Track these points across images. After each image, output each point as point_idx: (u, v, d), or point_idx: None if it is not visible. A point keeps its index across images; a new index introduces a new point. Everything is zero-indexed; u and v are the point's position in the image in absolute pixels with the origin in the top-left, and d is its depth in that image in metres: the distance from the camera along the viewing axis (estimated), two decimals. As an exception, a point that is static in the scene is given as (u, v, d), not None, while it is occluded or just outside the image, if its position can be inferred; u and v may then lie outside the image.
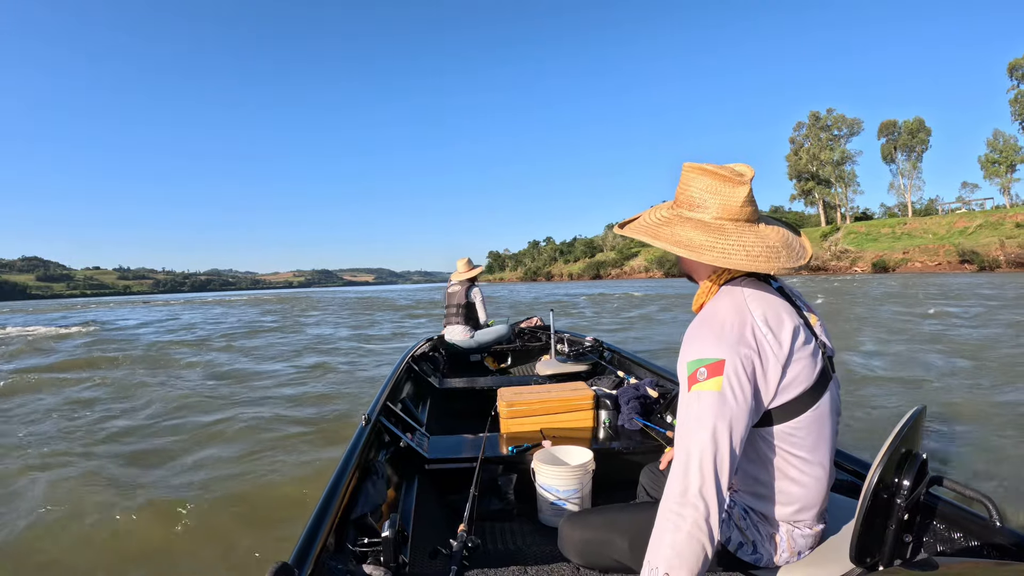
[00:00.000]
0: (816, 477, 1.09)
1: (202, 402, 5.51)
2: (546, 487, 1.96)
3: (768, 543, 1.14)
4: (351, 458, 1.76)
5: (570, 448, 2.14)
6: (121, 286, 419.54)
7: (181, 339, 12.78)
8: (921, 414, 1.12)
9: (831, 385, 1.10)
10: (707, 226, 1.08)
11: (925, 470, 1.08)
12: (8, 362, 9.53)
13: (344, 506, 1.54)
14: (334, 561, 1.33)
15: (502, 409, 2.40)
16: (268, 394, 5.91)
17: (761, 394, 1.00)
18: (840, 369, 3.14)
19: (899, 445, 1.01)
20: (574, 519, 1.43)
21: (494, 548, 1.85)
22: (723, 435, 0.93)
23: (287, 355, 9.34)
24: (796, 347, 1.02)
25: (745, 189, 1.07)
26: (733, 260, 1.03)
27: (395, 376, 3.13)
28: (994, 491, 2.77)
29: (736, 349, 0.98)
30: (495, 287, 68.97)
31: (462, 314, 5.03)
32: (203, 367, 8.21)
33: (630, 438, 2.36)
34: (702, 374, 0.97)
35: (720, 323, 1.02)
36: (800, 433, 1.05)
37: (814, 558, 1.16)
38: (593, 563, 1.37)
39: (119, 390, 6.34)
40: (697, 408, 0.96)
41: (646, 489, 1.68)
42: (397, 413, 2.55)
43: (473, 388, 3.70)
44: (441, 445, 2.34)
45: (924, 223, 53.41)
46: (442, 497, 2.14)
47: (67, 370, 8.16)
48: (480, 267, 5.29)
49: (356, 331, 13.63)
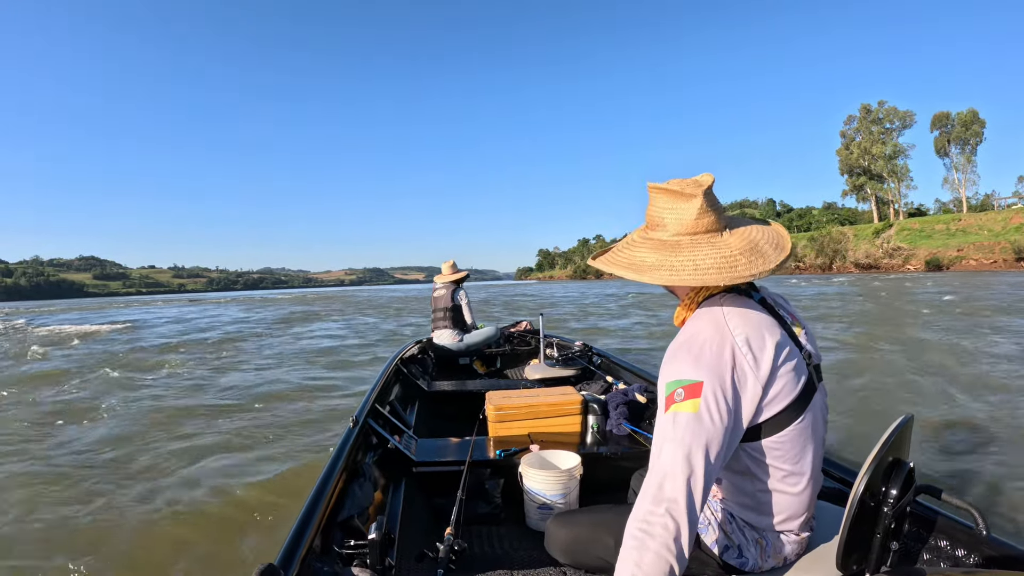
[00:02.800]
0: (800, 487, 1.09)
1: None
2: (534, 491, 1.97)
3: (753, 547, 1.14)
4: (338, 460, 1.76)
5: (558, 452, 2.14)
6: (175, 284, 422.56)
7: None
8: (909, 423, 1.12)
9: (816, 395, 1.08)
10: (663, 244, 1.07)
11: (912, 479, 1.08)
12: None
13: (331, 508, 1.54)
14: (320, 563, 1.33)
15: (490, 413, 2.40)
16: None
17: (741, 414, 0.99)
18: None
19: (886, 454, 1.02)
20: (561, 518, 1.44)
21: (481, 552, 1.85)
22: (698, 457, 0.92)
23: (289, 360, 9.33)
24: (778, 364, 1.00)
25: (697, 202, 1.04)
26: (680, 276, 1.01)
27: (383, 378, 3.13)
28: (980, 501, 2.74)
29: (715, 371, 0.97)
30: (545, 285, 67.91)
31: (449, 317, 5.04)
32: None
33: (618, 443, 2.36)
34: (679, 395, 0.96)
35: (700, 344, 1.00)
36: (784, 447, 1.05)
37: (801, 565, 1.16)
38: (579, 562, 1.37)
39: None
40: (673, 429, 0.95)
41: (637, 494, 1.67)
42: (385, 415, 2.54)
43: (461, 391, 3.70)
44: (429, 448, 2.34)
45: (979, 219, 51.84)
46: (429, 500, 2.15)
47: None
48: (464, 272, 5.32)
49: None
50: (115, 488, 3.31)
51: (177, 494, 3.17)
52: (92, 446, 4.21)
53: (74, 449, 4.15)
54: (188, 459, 3.77)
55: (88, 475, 3.55)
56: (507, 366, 5.10)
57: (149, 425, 4.75)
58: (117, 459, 3.87)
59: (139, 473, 3.59)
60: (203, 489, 3.22)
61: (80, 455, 3.99)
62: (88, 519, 2.90)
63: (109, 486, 3.35)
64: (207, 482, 3.32)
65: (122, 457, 3.90)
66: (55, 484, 3.40)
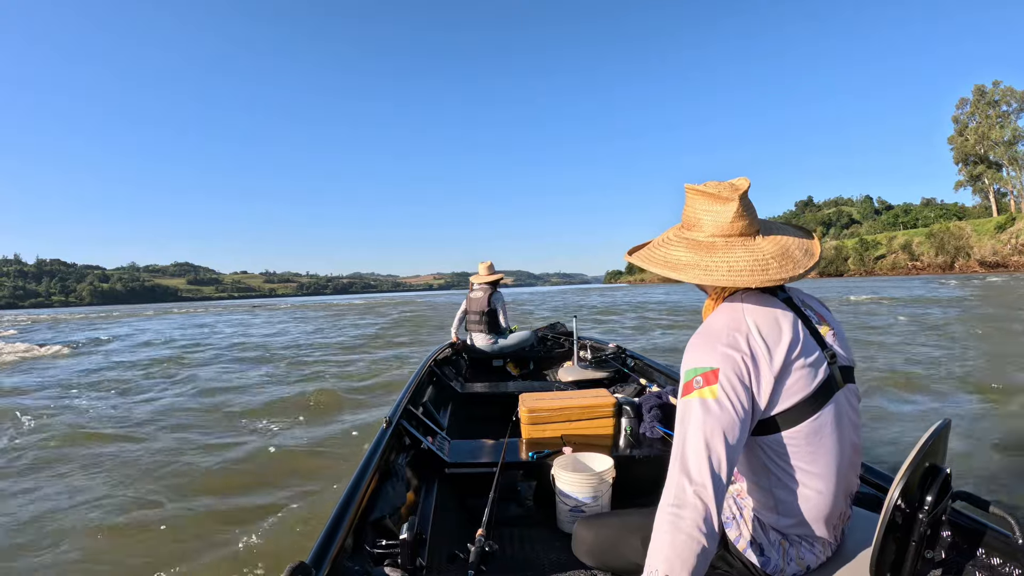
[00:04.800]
0: (818, 489, 1.07)
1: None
2: (565, 494, 1.97)
3: (776, 550, 1.14)
4: (371, 460, 1.80)
5: (591, 455, 2.13)
6: (267, 289, 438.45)
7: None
8: (946, 428, 1.10)
9: (838, 396, 1.08)
10: (699, 245, 1.12)
11: (949, 485, 1.06)
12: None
13: (363, 508, 1.57)
14: (351, 562, 1.36)
15: (523, 415, 2.40)
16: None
17: (756, 400, 1.02)
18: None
19: (923, 459, 1.00)
20: (588, 521, 1.45)
21: (511, 553, 1.86)
22: (717, 441, 0.96)
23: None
24: (792, 357, 1.03)
25: (733, 205, 1.09)
26: (714, 276, 1.07)
27: (417, 380, 3.16)
28: (1019, 509, 2.55)
29: (729, 357, 1.01)
30: (637, 289, 65.96)
31: (485, 321, 5.05)
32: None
33: (651, 446, 2.32)
34: (698, 382, 1.01)
35: (716, 333, 1.05)
36: (799, 443, 1.05)
37: (834, 571, 1.14)
38: (607, 564, 1.37)
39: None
40: (691, 415, 0.99)
41: None
42: (418, 416, 2.57)
43: (494, 393, 3.72)
44: (461, 449, 2.36)
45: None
46: (461, 501, 2.17)
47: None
48: (500, 274, 5.31)
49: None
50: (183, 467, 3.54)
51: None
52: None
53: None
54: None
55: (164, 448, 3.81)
56: (541, 368, 5.10)
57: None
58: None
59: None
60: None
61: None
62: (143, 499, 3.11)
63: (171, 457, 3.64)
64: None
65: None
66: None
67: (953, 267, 56.15)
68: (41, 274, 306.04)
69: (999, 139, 56.79)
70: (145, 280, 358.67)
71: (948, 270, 56.27)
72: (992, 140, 57.23)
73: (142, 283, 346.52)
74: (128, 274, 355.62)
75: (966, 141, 59.72)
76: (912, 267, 62.69)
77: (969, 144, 59.30)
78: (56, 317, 47.61)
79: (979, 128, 58.56)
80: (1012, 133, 56.39)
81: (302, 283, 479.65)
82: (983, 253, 53.11)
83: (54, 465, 4.01)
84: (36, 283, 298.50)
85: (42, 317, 50.71)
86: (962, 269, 55.08)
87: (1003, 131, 56.83)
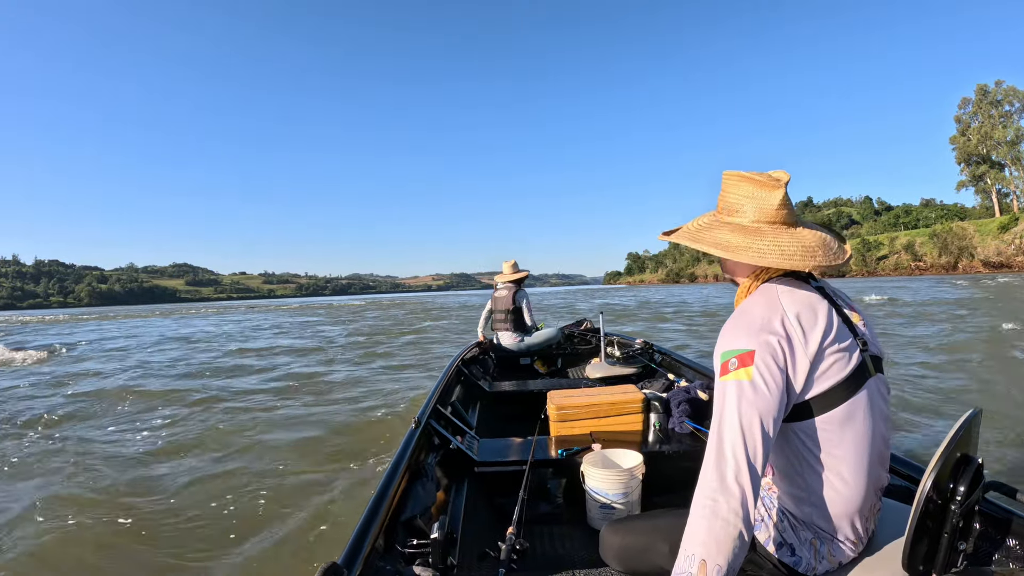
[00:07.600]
0: (849, 478, 1.06)
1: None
2: (595, 491, 1.94)
3: (807, 549, 1.12)
4: (401, 461, 1.79)
5: (620, 451, 2.11)
6: (265, 290, 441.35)
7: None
8: (977, 417, 1.08)
9: (870, 384, 1.08)
10: (745, 229, 1.14)
11: (981, 475, 1.06)
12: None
13: (394, 508, 1.57)
14: (383, 562, 1.36)
15: (551, 412, 2.38)
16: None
17: (791, 384, 1.02)
18: None
19: (954, 449, 0.99)
20: (615, 525, 1.43)
21: (542, 551, 1.84)
22: (754, 423, 0.96)
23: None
24: (827, 342, 1.03)
25: (780, 192, 1.12)
26: (768, 259, 1.08)
27: (445, 379, 3.16)
28: None
29: (765, 339, 1.01)
30: (636, 289, 65.75)
31: (511, 320, 5.02)
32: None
33: (680, 441, 2.30)
34: (733, 364, 1.01)
35: (751, 316, 1.06)
36: (832, 428, 1.05)
37: (866, 564, 1.12)
38: (634, 568, 1.35)
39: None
40: (728, 397, 0.99)
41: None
42: (447, 416, 2.56)
43: (523, 391, 3.70)
44: (490, 448, 2.35)
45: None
46: (491, 500, 2.15)
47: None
48: (525, 272, 5.26)
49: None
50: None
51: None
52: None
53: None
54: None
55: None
56: (568, 365, 5.08)
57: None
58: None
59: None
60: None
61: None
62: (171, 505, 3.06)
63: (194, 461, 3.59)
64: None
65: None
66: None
67: (956, 267, 56.16)
68: (39, 275, 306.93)
69: (1002, 139, 56.83)
70: (143, 281, 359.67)
71: (952, 271, 56.27)
72: (995, 140, 57.25)
73: (140, 284, 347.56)
74: (126, 275, 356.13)
75: (968, 141, 59.71)
76: (915, 267, 62.67)
77: (972, 144, 59.31)
78: (43, 319, 46.06)
79: (982, 128, 58.60)
80: (1015, 133, 56.47)
81: (301, 284, 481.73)
82: (987, 253, 53.15)
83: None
84: (34, 284, 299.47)
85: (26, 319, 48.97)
86: (965, 269, 55.11)
87: (1006, 131, 56.89)
